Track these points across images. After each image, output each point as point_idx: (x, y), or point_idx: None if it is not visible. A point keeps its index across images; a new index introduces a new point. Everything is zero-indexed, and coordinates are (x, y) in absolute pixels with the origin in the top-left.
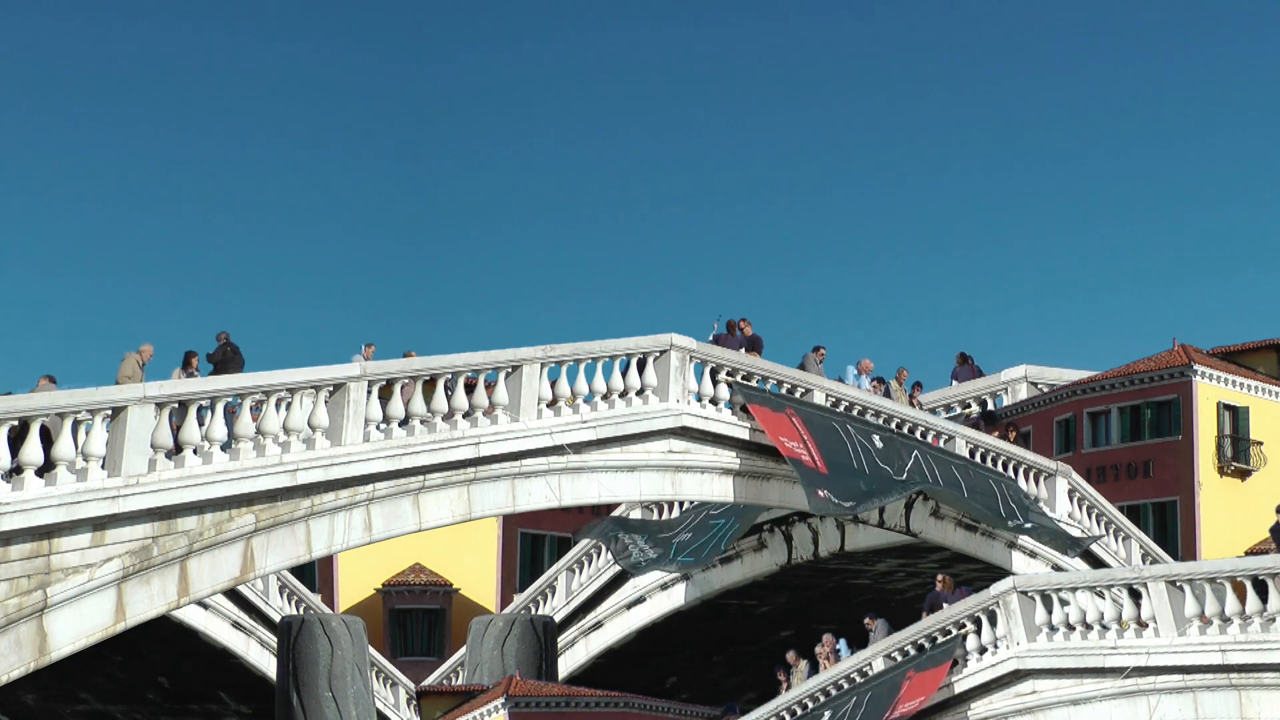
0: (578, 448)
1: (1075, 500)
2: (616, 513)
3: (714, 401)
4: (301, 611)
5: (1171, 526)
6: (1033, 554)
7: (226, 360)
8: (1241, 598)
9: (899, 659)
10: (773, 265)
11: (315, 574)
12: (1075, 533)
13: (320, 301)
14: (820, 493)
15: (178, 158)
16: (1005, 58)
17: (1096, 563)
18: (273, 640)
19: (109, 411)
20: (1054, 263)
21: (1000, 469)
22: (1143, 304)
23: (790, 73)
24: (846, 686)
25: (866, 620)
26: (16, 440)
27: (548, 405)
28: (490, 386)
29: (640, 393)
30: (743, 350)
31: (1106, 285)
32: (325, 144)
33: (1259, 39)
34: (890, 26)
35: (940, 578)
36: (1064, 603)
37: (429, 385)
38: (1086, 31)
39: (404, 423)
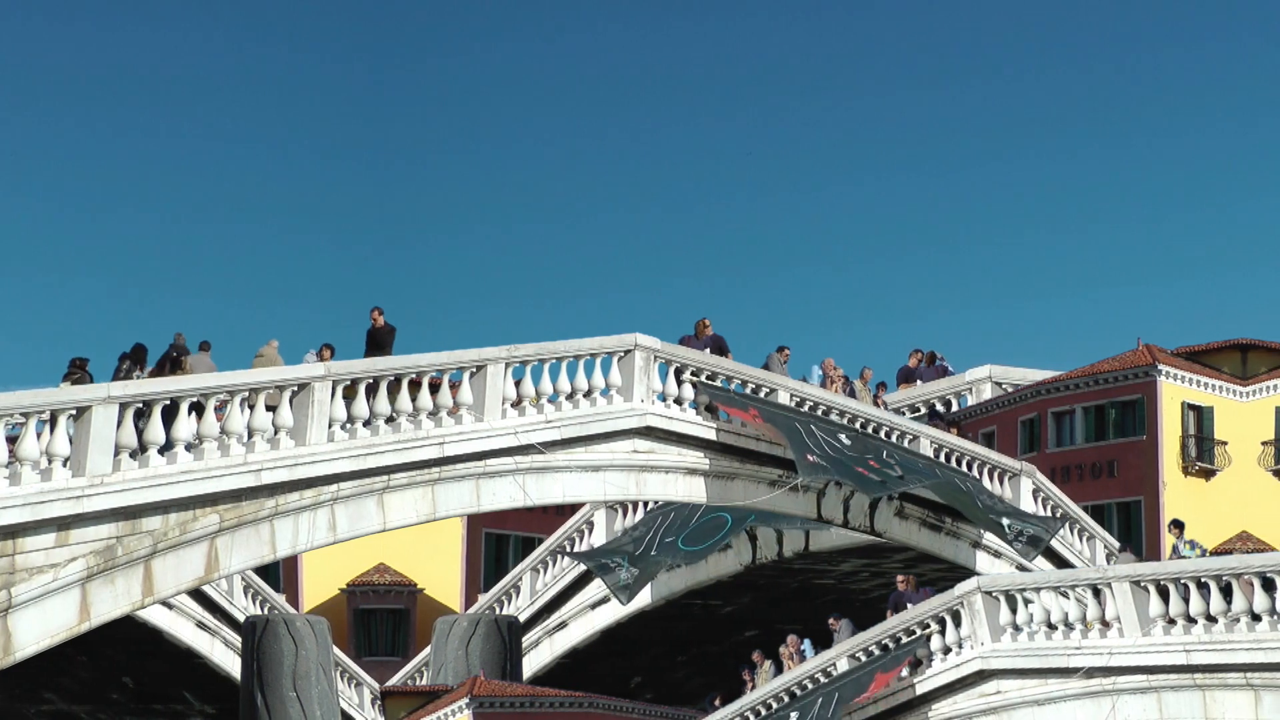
0: (543, 447)
1: (1040, 500)
2: (581, 513)
3: (679, 401)
4: (266, 611)
5: (1136, 526)
6: (997, 554)
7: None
8: (1206, 598)
9: (863, 659)
10: (737, 266)
11: (280, 574)
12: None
13: (285, 300)
14: (810, 457)
15: (158, 158)
16: (969, 61)
17: (1061, 563)
18: (237, 640)
19: (73, 411)
20: (1019, 263)
21: (965, 469)
22: (1107, 304)
23: (755, 75)
24: (811, 687)
25: (831, 620)
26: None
27: (512, 405)
28: (455, 386)
29: (605, 392)
30: (707, 351)
31: (1071, 286)
32: (294, 145)
33: (1228, 42)
34: (857, 30)
35: (901, 578)
36: (1028, 603)
37: (394, 385)
38: (1053, 35)
39: (368, 422)
